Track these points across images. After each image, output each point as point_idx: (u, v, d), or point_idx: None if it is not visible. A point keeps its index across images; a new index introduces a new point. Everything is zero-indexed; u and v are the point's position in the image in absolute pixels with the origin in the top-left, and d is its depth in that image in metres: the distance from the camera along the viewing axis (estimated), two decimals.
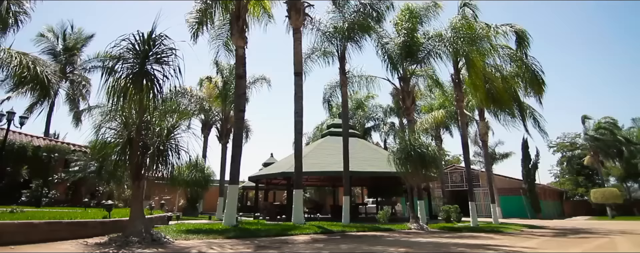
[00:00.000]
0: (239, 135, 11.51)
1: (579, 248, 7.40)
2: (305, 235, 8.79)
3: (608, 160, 35.63)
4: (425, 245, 7.30)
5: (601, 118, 35.81)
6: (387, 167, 13.09)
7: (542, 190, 32.35)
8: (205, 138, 21.72)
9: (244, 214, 19.99)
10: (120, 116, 6.83)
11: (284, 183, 19.70)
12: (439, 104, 22.11)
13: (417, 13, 14.95)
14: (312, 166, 15.34)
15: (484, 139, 19.40)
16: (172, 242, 6.40)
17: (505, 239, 9.05)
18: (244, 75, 11.88)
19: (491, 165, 25.88)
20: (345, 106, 15.49)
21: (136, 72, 6.40)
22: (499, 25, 14.81)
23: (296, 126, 12.56)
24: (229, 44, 14.75)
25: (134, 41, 6.57)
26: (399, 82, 15.35)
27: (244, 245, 6.61)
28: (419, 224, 12.10)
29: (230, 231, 8.40)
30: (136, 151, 6.50)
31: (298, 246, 6.73)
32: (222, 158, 18.69)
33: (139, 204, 6.49)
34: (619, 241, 8.89)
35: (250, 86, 19.77)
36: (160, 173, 6.89)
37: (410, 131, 13.91)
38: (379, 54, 15.32)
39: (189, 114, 18.35)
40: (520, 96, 16.48)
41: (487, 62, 15.58)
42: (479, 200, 28.52)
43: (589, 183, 39.08)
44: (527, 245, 7.64)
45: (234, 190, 10.59)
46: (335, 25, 14.86)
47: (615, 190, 30.44)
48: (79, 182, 16.83)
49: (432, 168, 12.20)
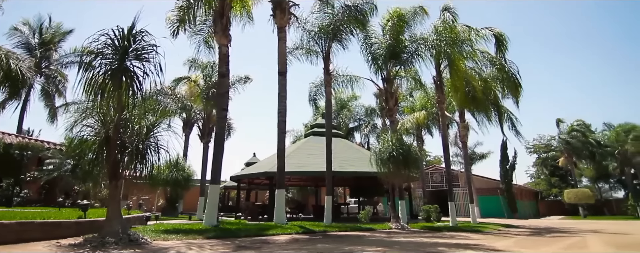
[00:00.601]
0: (221, 134, 11.39)
1: (553, 247, 7.67)
2: (287, 235, 8.78)
3: (580, 162, 36.98)
4: (405, 244, 7.40)
5: (574, 121, 37.15)
6: (369, 167, 13.21)
7: (519, 190, 33.32)
8: (186, 136, 21.37)
9: (225, 214, 19.79)
10: (97, 113, 6.65)
11: (266, 183, 19.58)
12: (420, 105, 22.46)
13: (405, 16, 15.15)
14: (294, 166, 15.31)
15: (464, 140, 19.84)
16: (150, 242, 6.27)
17: (483, 238, 9.28)
18: (227, 73, 11.76)
19: (470, 166, 26.48)
20: (328, 106, 15.53)
21: (115, 69, 6.25)
22: (479, 28, 15.16)
23: (279, 126, 12.52)
24: (209, 40, 14.47)
25: (113, 37, 6.41)
26: (383, 83, 15.52)
27: (223, 245, 6.55)
28: (399, 224, 12.26)
29: (211, 231, 8.30)
30: (114, 150, 6.34)
31: (278, 246, 6.71)
32: (203, 157, 18.42)
33: (116, 204, 6.34)
34: (590, 240, 9.25)
35: (234, 84, 19.59)
36: (138, 173, 6.74)
37: (392, 132, 14.07)
38: (364, 54, 15.48)
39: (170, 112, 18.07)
40: (499, 98, 16.92)
41: (468, 65, 15.97)
42: (458, 200, 29.10)
43: (563, 183, 40.44)
44: (504, 244, 7.86)
45: (215, 190, 10.47)
46: (320, 25, 14.88)
47: (587, 190, 31.62)
48: (53, 181, 16.26)
49: (414, 168, 12.42)
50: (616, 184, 41.38)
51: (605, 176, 38.87)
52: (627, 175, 33.74)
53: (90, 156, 6.67)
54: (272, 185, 15.65)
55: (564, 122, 37.80)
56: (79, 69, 6.23)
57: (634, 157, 31.70)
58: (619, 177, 38.30)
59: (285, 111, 12.58)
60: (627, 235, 10.62)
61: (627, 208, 29.43)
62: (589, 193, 30.70)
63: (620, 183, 39.90)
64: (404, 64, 15.35)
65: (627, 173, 33.51)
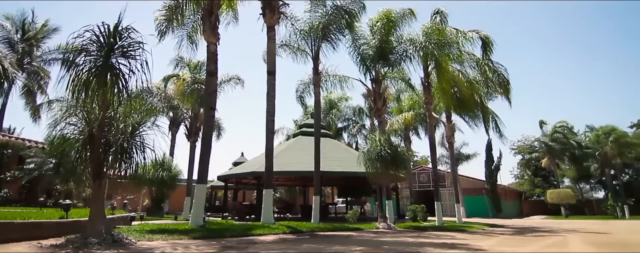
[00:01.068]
0: (208, 133, 11.28)
1: (535, 246, 7.83)
2: (274, 235, 8.76)
3: (563, 163, 37.88)
4: (391, 244, 7.46)
5: (557, 122, 38.03)
6: (357, 167, 13.27)
7: (503, 191, 33.95)
8: (173, 135, 21.15)
9: (212, 214, 19.60)
10: (81, 111, 6.51)
11: (254, 182, 19.50)
12: (408, 106, 22.66)
13: (394, 18, 15.26)
14: (283, 165, 15.28)
15: (451, 141, 20.12)
16: (135, 242, 6.18)
17: (468, 238, 9.42)
18: (215, 72, 11.65)
19: (457, 166, 26.83)
20: (317, 106, 15.53)
21: (100, 66, 6.13)
22: (467, 31, 15.37)
23: (268, 126, 12.47)
24: (192, 35, 14.03)
25: (98, 33, 6.29)
26: (371, 84, 15.61)
27: (209, 245, 6.49)
28: (387, 223, 12.35)
29: (197, 231, 8.22)
30: (98, 149, 6.22)
31: (265, 246, 6.69)
32: (190, 156, 18.26)
33: (100, 204, 6.22)
34: (570, 239, 9.49)
35: (222, 84, 19.44)
36: (123, 172, 6.62)
37: (381, 132, 14.16)
38: (353, 55, 15.56)
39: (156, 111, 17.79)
40: (484, 100, 17.20)
41: (455, 67, 16.20)
42: (444, 200, 29.48)
43: (546, 184, 41.36)
44: (488, 244, 8.00)
45: (201, 190, 10.37)
46: (310, 25, 14.87)
47: (569, 191, 32.42)
48: (35, 180, 15.83)
49: (401, 168, 12.51)
50: (597, 184, 42.53)
51: (586, 177, 39.91)
52: (607, 175, 34.70)
53: (74, 155, 6.53)
54: (260, 185, 15.60)
55: (547, 124, 38.68)
56: (62, 65, 6.09)
57: (614, 159, 32.64)
58: (599, 178, 39.37)
59: (273, 111, 12.54)
60: (607, 235, 10.92)
61: (607, 208, 30.27)
62: (571, 194, 31.48)
63: (600, 183, 41.03)
64: (393, 65, 15.49)
65: (607, 174, 34.46)
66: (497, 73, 15.34)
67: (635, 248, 7.46)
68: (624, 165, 37.15)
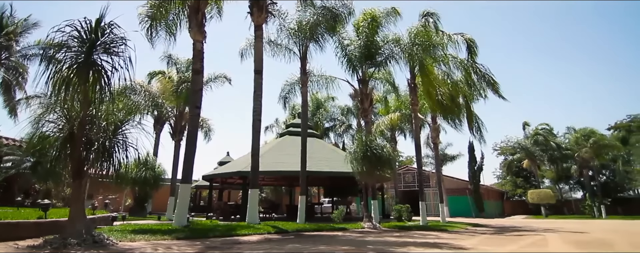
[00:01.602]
0: (193, 132, 11.14)
1: (516, 245, 8.01)
2: (259, 235, 8.72)
3: (543, 164, 38.87)
4: (375, 243, 7.52)
5: (539, 124, 39.01)
6: (343, 167, 13.31)
7: (486, 191, 34.63)
8: (157, 134, 20.78)
9: (196, 214, 19.37)
10: (61, 108, 6.35)
11: (239, 182, 19.35)
12: (395, 107, 22.86)
13: (378, 17, 15.37)
14: (269, 165, 15.22)
15: (435, 142, 20.40)
16: (116, 243, 6.06)
17: (451, 237, 9.58)
18: (201, 70, 11.53)
19: (441, 167, 27.21)
20: (304, 106, 15.53)
21: (81, 62, 5.99)
22: (452, 34, 15.59)
23: (254, 125, 12.40)
24: (172, 27, 13.56)
25: (80, 28, 6.14)
26: (358, 84, 15.69)
27: (192, 246, 6.42)
28: (372, 223, 12.43)
29: (180, 231, 8.11)
30: (78, 147, 6.08)
31: (249, 246, 6.65)
32: (174, 155, 17.96)
33: (80, 203, 6.08)
34: (550, 238, 9.75)
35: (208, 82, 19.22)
36: (105, 171, 6.48)
37: (367, 133, 14.25)
38: (340, 56, 15.59)
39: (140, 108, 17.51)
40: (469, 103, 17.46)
41: (442, 69, 16.40)
42: (429, 200, 29.88)
43: (527, 184, 42.35)
44: (470, 243, 8.15)
45: (186, 189, 10.24)
46: (298, 24, 14.84)
47: (549, 191, 33.27)
48: (12, 179, 15.38)
49: (387, 168, 12.61)
50: (575, 185, 43.77)
51: (565, 177, 41.04)
52: (585, 176, 35.72)
53: (53, 153, 6.35)
54: (246, 185, 15.49)
55: (529, 125, 39.65)
56: (42, 61, 5.92)
57: (592, 160, 33.66)
58: (578, 179, 40.54)
59: (260, 110, 12.47)
60: (584, 234, 11.25)
61: (585, 208, 31.19)
62: (551, 194, 32.32)
63: (579, 184, 42.23)
64: (379, 66, 15.60)
65: (586, 175, 35.49)
66: (482, 74, 15.58)
67: (609, 247, 7.72)
68: (602, 166, 38.40)
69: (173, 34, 13.16)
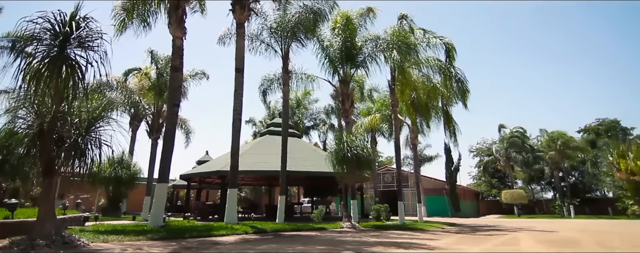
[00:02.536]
0: (171, 130, 10.91)
1: (490, 243, 8.26)
2: (237, 235, 8.64)
3: (516, 165, 40.20)
4: (353, 243, 7.58)
5: (513, 127, 40.29)
6: (324, 167, 13.35)
7: (462, 191, 35.51)
8: (134, 132, 20.22)
9: (173, 214, 18.98)
10: (31, 103, 6.10)
11: (218, 182, 19.10)
12: (376, 108, 23.12)
13: (353, 18, 15.51)
14: (249, 165, 15.10)
15: (414, 143, 20.74)
16: (88, 244, 5.88)
17: (427, 236, 9.78)
18: (180, 67, 11.31)
19: (419, 167, 27.71)
20: (286, 105, 15.47)
21: (54, 56, 5.77)
22: (431, 37, 15.90)
23: (234, 124, 12.25)
24: (146, 17, 12.96)
25: (53, 21, 5.91)
26: (339, 85, 15.77)
27: (167, 246, 6.29)
28: (351, 223, 12.52)
29: (156, 232, 7.94)
30: (49, 144, 5.85)
31: (226, 247, 6.58)
32: (151, 154, 17.53)
33: (50, 203, 5.86)
34: (521, 236, 10.12)
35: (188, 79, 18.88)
36: (77, 169, 6.27)
37: (347, 133, 14.34)
38: (321, 56, 15.66)
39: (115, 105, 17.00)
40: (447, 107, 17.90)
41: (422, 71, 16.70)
42: (407, 200, 30.37)
43: (501, 185, 43.70)
44: (446, 242, 8.36)
45: (162, 189, 10.02)
46: (280, 23, 14.78)
47: (521, 191, 34.45)
48: None
49: (367, 169, 12.74)
50: (546, 186, 45.49)
51: (537, 178, 42.61)
52: (555, 177, 37.18)
53: (21, 150, 6.10)
54: (225, 184, 15.31)
55: (506, 127, 40.92)
56: (11, 54, 5.67)
57: (562, 162, 35.08)
58: (549, 180, 42.18)
59: (241, 109, 12.34)
60: (553, 233, 11.72)
61: (555, 208, 32.46)
62: (523, 194, 33.48)
63: (550, 185, 43.93)
64: (359, 66, 15.73)
65: (556, 176, 36.93)
66: (458, 80, 15.98)
67: (576, 244, 8.07)
68: (572, 168, 40.09)
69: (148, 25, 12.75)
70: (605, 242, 8.58)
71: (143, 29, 12.62)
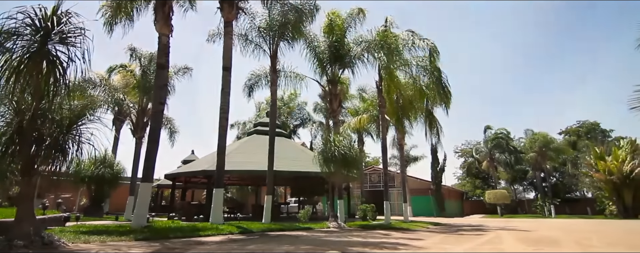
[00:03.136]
0: (156, 129, 10.75)
1: (473, 243, 8.40)
2: (223, 235, 8.57)
3: (500, 166, 41.06)
4: (338, 243, 7.61)
5: (497, 129, 41.13)
6: (311, 167, 13.35)
7: (447, 191, 36.03)
8: (117, 131, 19.85)
9: (157, 214, 18.69)
10: (10, 100, 5.93)
11: (204, 181, 18.90)
12: (364, 107, 23.25)
13: (343, 18, 15.56)
14: (235, 164, 14.97)
15: (401, 143, 20.95)
16: (68, 245, 5.74)
17: (412, 236, 9.89)
18: (166, 65, 11.16)
19: (406, 167, 27.99)
20: (273, 105, 15.42)
21: (34, 52, 5.62)
22: (417, 39, 16.04)
23: (221, 122, 12.16)
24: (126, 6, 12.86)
25: (34, 16, 5.76)
26: (328, 85, 15.80)
27: (151, 247, 6.19)
28: (337, 223, 12.57)
29: (139, 232, 7.81)
30: (28, 142, 5.70)
31: (211, 247, 6.52)
32: (135, 153, 17.23)
33: (29, 203, 5.71)
34: (503, 235, 10.34)
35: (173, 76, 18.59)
36: (58, 168, 6.12)
37: (335, 133, 14.38)
38: (309, 56, 15.65)
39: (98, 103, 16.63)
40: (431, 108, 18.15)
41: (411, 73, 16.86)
42: (393, 200, 30.62)
43: (485, 185, 44.53)
44: (431, 241, 8.47)
45: (146, 188, 9.86)
46: (268, 22, 14.70)
47: (504, 191, 35.17)
48: None
49: (353, 169, 12.81)
50: (529, 186, 46.57)
51: (520, 179, 43.59)
52: (537, 178, 38.11)
53: None
54: (211, 184, 15.16)
55: (491, 128, 41.74)
56: None
57: (543, 163, 35.96)
58: (531, 180, 43.17)
59: (227, 108, 12.25)
60: (533, 232, 12.00)
61: (536, 208, 33.24)
62: (506, 194, 34.19)
63: (531, 185, 44.99)
64: (347, 67, 15.78)
65: (538, 177, 37.86)
66: (440, 81, 16.22)
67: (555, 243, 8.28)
68: (553, 169, 41.13)
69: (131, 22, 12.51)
70: (582, 241, 8.84)
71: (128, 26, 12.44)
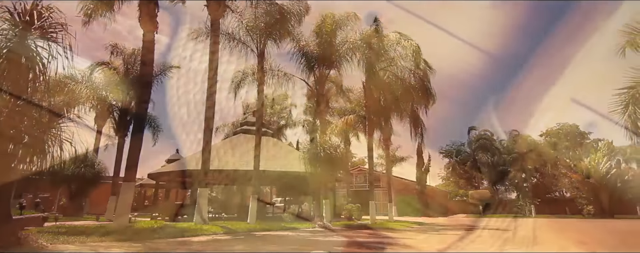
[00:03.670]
0: (140, 128, 10.57)
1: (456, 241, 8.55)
2: (207, 235, 8.48)
3: (483, 166, 41.82)
4: (324, 243, 7.64)
5: (481, 130, 41.88)
6: (297, 167, 13.33)
7: (432, 191, 36.51)
8: (99, 129, 19.35)
9: (140, 214, 18.34)
10: None
11: (188, 181, 18.64)
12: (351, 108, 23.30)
13: (337, 21, 15.57)
14: (221, 164, 14.84)
15: (387, 144, 21.11)
16: (46, 246, 5.59)
17: (397, 235, 9.99)
18: (151, 62, 10.96)
19: (391, 168, 28.23)
20: (260, 105, 15.29)
21: (13, 47, 5.44)
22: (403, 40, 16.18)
23: (206, 122, 12.02)
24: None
25: (12, 10, 5.58)
26: (315, 85, 15.79)
27: (133, 248, 6.09)
28: (323, 222, 12.60)
29: (120, 233, 7.64)
30: (6, 140, 5.51)
31: (195, 247, 6.45)
32: (118, 152, 16.85)
33: (5, 203, 5.53)
34: (485, 234, 10.58)
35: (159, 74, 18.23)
36: (36, 167, 5.94)
37: (322, 133, 14.40)
38: (296, 56, 15.63)
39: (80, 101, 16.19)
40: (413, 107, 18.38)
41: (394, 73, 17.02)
42: (378, 200, 30.80)
43: (469, 185, 45.20)
44: (417, 240, 8.57)
45: (128, 188, 9.67)
46: (255, 22, 14.60)
47: (487, 192, 35.85)
48: None
49: (339, 169, 12.85)
50: (510, 186, 47.51)
51: (501, 179, 44.46)
52: (519, 178, 38.95)
53: None
54: (195, 184, 14.97)
55: (476, 129, 42.49)
56: None
57: (525, 163, 36.84)
58: (512, 180, 44.09)
59: (213, 107, 12.12)
60: (514, 230, 12.30)
61: (518, 207, 33.98)
62: (489, 194, 34.89)
63: (513, 185, 45.92)
64: (335, 67, 15.80)
65: (519, 177, 38.69)
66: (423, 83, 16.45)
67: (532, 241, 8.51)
68: (534, 170, 42.10)
69: None
70: (559, 241, 9.11)
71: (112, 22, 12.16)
